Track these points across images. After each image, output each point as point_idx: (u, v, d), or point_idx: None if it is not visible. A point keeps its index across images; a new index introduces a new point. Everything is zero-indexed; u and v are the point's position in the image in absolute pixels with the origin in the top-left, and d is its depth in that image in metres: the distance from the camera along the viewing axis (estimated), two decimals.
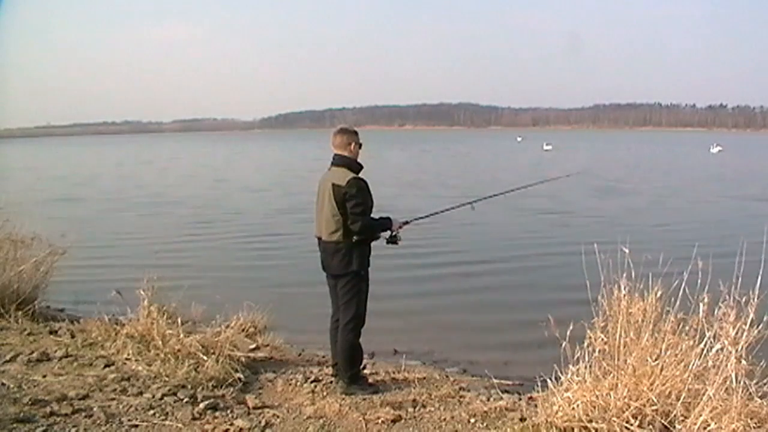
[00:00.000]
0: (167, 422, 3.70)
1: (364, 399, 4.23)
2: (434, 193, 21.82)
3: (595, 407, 3.22)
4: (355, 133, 4.41)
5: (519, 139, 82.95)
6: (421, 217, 4.89)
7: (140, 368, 4.47)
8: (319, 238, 4.37)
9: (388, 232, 4.40)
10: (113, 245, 12.89)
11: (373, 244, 4.37)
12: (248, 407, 4.04)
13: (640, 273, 3.43)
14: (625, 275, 3.43)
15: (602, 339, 3.37)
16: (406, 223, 4.54)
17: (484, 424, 3.83)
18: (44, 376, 4.31)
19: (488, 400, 4.32)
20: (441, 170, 34.74)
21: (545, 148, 58.01)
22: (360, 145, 4.40)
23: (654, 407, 3.12)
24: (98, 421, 3.61)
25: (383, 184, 21.81)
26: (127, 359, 4.62)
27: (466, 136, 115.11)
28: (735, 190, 23.72)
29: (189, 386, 4.20)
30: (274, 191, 23.53)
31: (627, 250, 3.47)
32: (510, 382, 5.13)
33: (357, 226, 4.16)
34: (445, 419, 3.94)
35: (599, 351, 3.38)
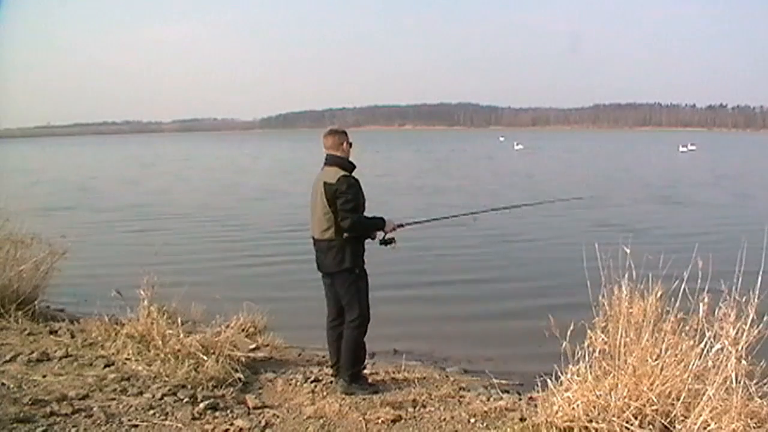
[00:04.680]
0: (167, 422, 3.70)
1: (364, 399, 4.23)
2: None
3: (595, 407, 3.22)
4: (345, 133, 4.50)
5: (501, 138, 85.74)
6: (418, 222, 4.89)
7: (140, 368, 4.47)
8: (314, 238, 4.39)
9: (382, 233, 4.39)
10: (113, 246, 12.89)
11: (371, 244, 4.37)
12: (248, 407, 4.05)
13: (640, 273, 3.44)
14: (626, 275, 3.43)
15: (602, 339, 3.37)
16: (401, 225, 4.53)
17: (484, 424, 3.83)
18: (44, 376, 4.31)
19: (488, 400, 4.32)
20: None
21: (516, 147, 60.58)
22: (350, 144, 4.46)
23: (654, 407, 3.13)
24: (98, 421, 3.61)
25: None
26: (127, 359, 4.63)
27: (458, 137, 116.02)
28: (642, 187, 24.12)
29: (189, 386, 4.20)
30: (283, 193, 23.59)
31: (628, 250, 3.47)
32: (510, 382, 5.14)
33: (347, 222, 4.18)
34: (445, 419, 3.94)
35: (599, 351, 3.38)
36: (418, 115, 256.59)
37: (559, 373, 3.46)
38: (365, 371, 4.77)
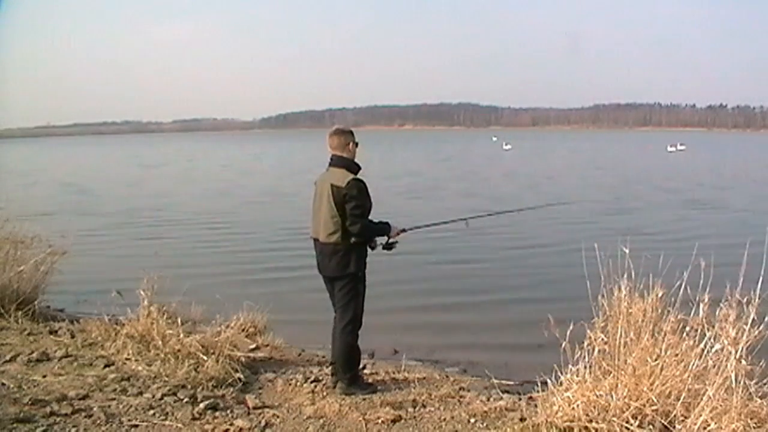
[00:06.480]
0: (167, 422, 3.70)
1: (364, 399, 4.23)
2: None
3: (595, 407, 3.22)
4: (351, 132, 4.40)
5: (494, 138, 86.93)
6: (419, 227, 4.92)
7: (140, 368, 4.47)
8: (316, 240, 4.35)
9: (386, 238, 4.39)
10: (114, 247, 12.89)
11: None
12: (248, 407, 4.05)
13: (640, 273, 3.44)
14: (625, 275, 3.43)
15: (602, 339, 3.37)
16: (404, 230, 4.52)
17: (484, 424, 3.83)
18: (44, 376, 4.31)
19: (488, 400, 4.32)
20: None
21: (505, 147, 62.09)
22: (357, 144, 4.40)
23: (654, 407, 3.12)
24: (98, 421, 3.61)
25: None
26: (127, 359, 4.62)
27: (454, 137, 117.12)
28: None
29: (189, 386, 4.20)
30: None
31: (627, 250, 3.47)
32: (510, 382, 5.12)
33: (356, 227, 4.14)
34: (445, 419, 3.94)
35: (599, 351, 3.38)
36: (418, 115, 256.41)
37: (559, 373, 3.46)
38: (365, 371, 4.77)
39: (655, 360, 3.25)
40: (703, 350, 3.20)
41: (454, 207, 17.72)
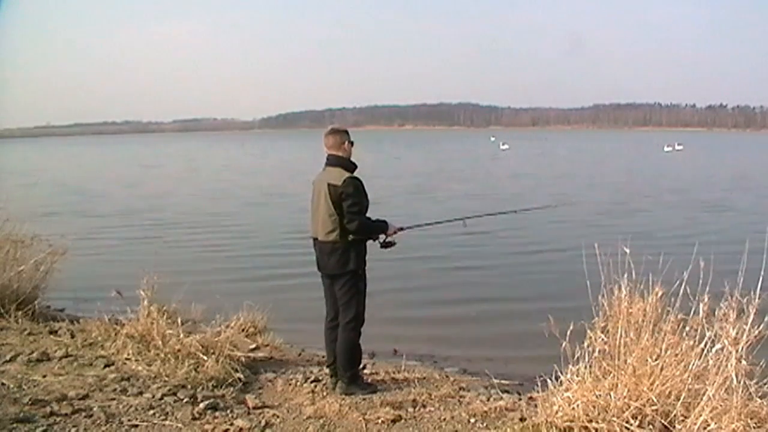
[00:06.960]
0: (167, 422, 3.70)
1: (364, 399, 4.23)
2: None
3: (595, 407, 3.22)
4: (346, 132, 4.45)
5: (492, 138, 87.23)
6: (417, 226, 4.94)
7: (140, 368, 4.47)
8: (315, 239, 4.38)
9: (383, 236, 4.42)
10: (114, 247, 12.90)
11: (368, 243, 4.38)
12: (248, 407, 4.05)
13: (640, 273, 3.44)
14: (626, 275, 3.43)
15: (602, 339, 3.38)
16: (401, 229, 4.54)
17: (484, 424, 3.83)
18: (44, 376, 4.31)
19: (488, 400, 4.33)
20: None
21: (502, 147, 62.42)
22: (352, 144, 4.44)
23: (654, 407, 3.13)
24: (98, 421, 3.62)
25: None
26: (127, 359, 4.63)
27: (452, 137, 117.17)
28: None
29: (189, 386, 4.21)
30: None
31: (627, 250, 3.47)
32: (510, 382, 5.13)
33: (354, 225, 4.17)
34: (445, 419, 3.94)
35: (599, 351, 3.38)
36: (418, 115, 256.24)
37: (559, 373, 3.47)
38: (365, 371, 4.77)
39: (655, 360, 3.25)
40: (703, 350, 3.21)
41: (450, 207, 17.73)
